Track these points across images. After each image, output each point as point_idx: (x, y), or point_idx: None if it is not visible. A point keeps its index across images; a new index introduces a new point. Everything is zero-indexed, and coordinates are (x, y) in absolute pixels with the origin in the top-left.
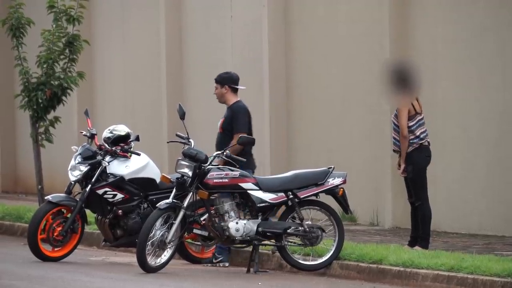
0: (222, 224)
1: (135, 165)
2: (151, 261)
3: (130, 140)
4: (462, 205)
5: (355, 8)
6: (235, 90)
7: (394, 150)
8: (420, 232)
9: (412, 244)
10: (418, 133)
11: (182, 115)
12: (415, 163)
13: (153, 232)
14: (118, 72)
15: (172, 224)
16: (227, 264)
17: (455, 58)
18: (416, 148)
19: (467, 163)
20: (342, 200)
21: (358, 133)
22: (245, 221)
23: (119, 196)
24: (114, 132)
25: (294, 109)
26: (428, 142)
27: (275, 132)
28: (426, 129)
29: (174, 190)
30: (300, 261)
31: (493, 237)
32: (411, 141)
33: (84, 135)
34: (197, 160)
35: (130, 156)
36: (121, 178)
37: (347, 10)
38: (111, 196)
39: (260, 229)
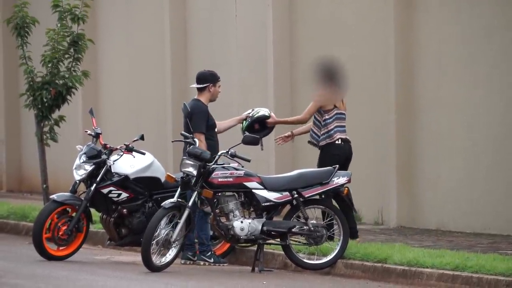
0: (227, 223)
1: (140, 164)
2: (156, 260)
3: (135, 139)
4: (467, 204)
5: (360, 8)
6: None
7: (309, 141)
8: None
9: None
10: (331, 127)
11: (187, 114)
12: (322, 161)
13: (158, 231)
14: (123, 71)
15: (177, 223)
16: (225, 264)
17: (460, 58)
18: (322, 146)
19: (472, 163)
20: (347, 199)
21: (363, 133)
22: (249, 220)
23: (124, 195)
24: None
25: (299, 108)
26: (343, 139)
27: (280, 131)
28: (345, 125)
29: (179, 189)
30: (305, 260)
31: (497, 236)
32: (322, 135)
33: (89, 134)
34: (201, 159)
35: (135, 155)
36: (126, 177)
37: (352, 9)
38: (116, 195)
39: (264, 228)
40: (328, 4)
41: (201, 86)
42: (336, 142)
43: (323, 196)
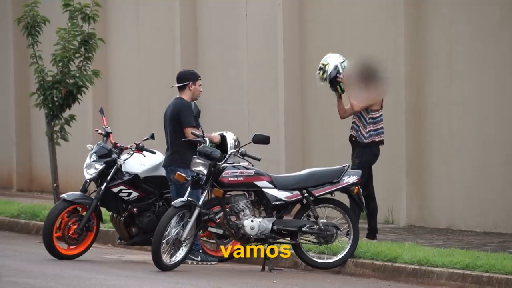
0: (237, 222)
1: (150, 163)
2: (166, 259)
3: (145, 138)
4: (478, 204)
5: (370, 7)
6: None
7: (351, 136)
8: (369, 224)
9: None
10: (378, 127)
11: (197, 114)
12: (361, 158)
13: (168, 230)
14: (133, 71)
15: (187, 222)
16: (214, 262)
17: (470, 57)
18: (366, 144)
19: (483, 162)
20: (357, 198)
21: None
22: (260, 219)
23: (134, 194)
24: None
25: (309, 107)
26: (382, 141)
27: (290, 130)
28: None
29: (189, 188)
30: (315, 259)
31: (508, 236)
32: (368, 133)
33: (99, 133)
34: (212, 158)
35: (145, 154)
36: (136, 176)
37: (362, 8)
38: (126, 194)
39: (275, 227)
40: (338, 3)
41: (181, 84)
42: (376, 140)
43: (333, 194)
